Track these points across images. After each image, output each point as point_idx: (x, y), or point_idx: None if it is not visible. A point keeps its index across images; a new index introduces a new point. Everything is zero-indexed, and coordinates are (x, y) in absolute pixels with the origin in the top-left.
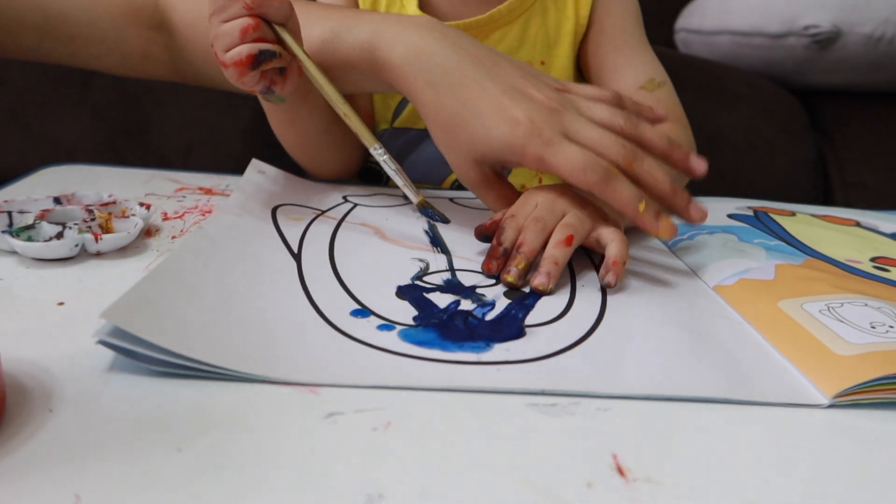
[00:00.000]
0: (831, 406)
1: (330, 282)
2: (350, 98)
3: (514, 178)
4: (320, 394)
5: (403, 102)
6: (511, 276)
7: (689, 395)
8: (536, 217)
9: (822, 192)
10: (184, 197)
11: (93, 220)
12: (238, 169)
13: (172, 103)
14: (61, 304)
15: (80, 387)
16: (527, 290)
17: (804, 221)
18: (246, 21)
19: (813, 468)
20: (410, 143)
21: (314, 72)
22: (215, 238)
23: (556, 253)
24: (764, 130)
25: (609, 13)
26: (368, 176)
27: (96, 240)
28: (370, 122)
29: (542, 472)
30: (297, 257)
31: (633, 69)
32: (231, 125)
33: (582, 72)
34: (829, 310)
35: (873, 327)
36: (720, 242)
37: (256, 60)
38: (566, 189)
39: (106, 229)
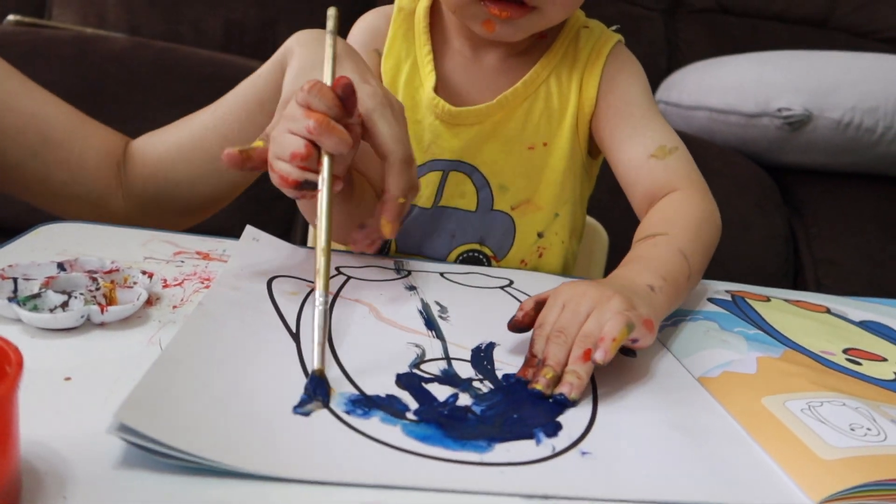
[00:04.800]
0: None
1: (331, 366)
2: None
3: (515, 253)
4: (325, 485)
5: None
6: (539, 385)
7: (682, 501)
8: (559, 328)
9: (793, 266)
10: (182, 262)
11: (97, 289)
12: (227, 221)
13: None
14: (68, 378)
15: (92, 472)
16: (516, 376)
17: (778, 308)
18: (300, 147)
19: None
20: (416, 219)
21: (323, 208)
22: (216, 316)
23: (576, 368)
24: (738, 205)
25: (614, 88)
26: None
27: (102, 311)
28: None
29: None
30: (296, 338)
31: (642, 138)
32: None
33: (599, 146)
34: (810, 409)
35: (853, 429)
36: (702, 330)
37: (299, 186)
38: (590, 286)
39: (110, 299)
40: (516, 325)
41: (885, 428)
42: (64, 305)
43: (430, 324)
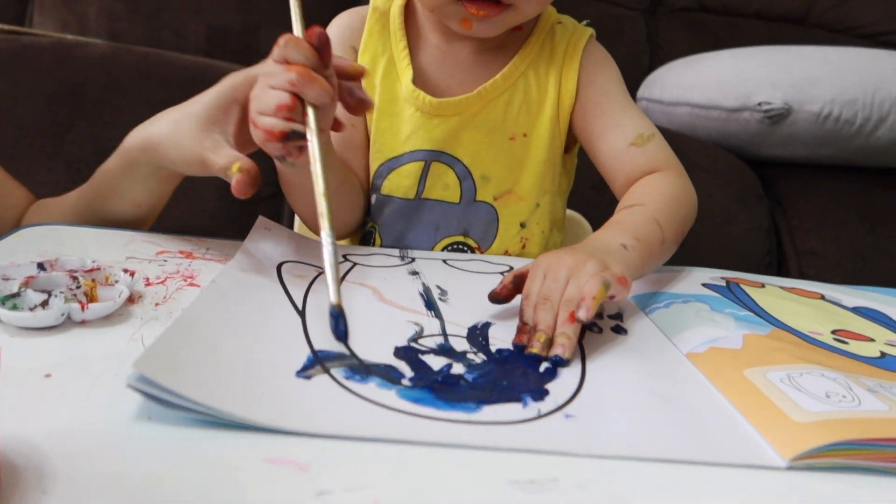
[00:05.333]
0: (788, 468)
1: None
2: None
3: (498, 244)
4: (310, 472)
5: (384, 168)
6: (536, 349)
7: (659, 457)
8: (544, 296)
9: (776, 258)
10: (165, 261)
11: (78, 287)
12: (211, 222)
13: None
14: (48, 375)
15: (72, 465)
16: (512, 348)
17: (772, 293)
18: (285, 99)
19: None
20: (399, 211)
21: (316, 155)
22: (227, 292)
23: (565, 330)
24: (721, 199)
25: (592, 82)
26: (365, 240)
27: (82, 309)
28: (365, 187)
29: None
30: (302, 314)
31: (621, 128)
32: (205, 181)
33: (578, 138)
34: (789, 379)
35: (828, 396)
36: (693, 311)
37: (286, 137)
38: (566, 253)
39: (91, 297)
40: (495, 297)
41: (860, 395)
42: (44, 304)
43: (430, 305)
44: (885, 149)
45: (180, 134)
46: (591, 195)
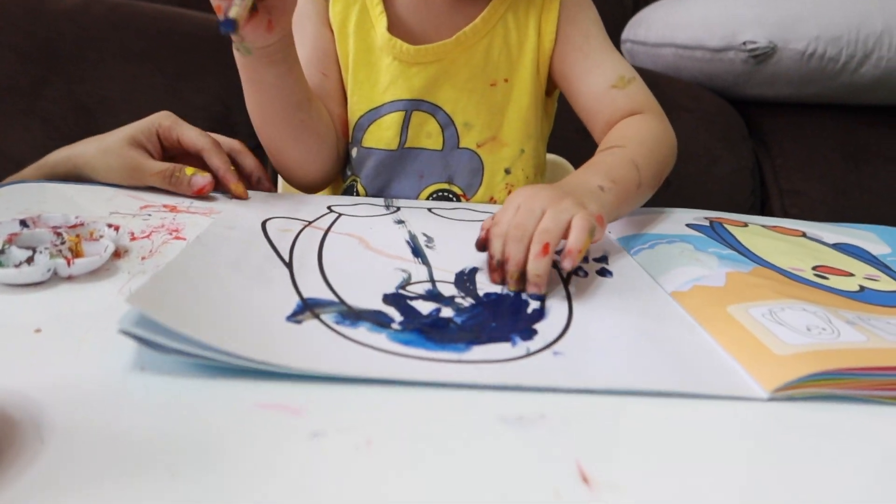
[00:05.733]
0: (770, 399)
1: (321, 288)
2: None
3: (484, 191)
4: (303, 415)
5: (364, 120)
6: (512, 287)
7: (644, 389)
8: (517, 224)
9: (760, 198)
10: (149, 215)
11: (62, 243)
12: None
13: (126, 113)
14: (38, 331)
15: (68, 416)
16: (500, 291)
17: (755, 232)
18: None
19: (754, 455)
20: (382, 163)
21: None
22: (212, 248)
23: (537, 266)
24: (705, 139)
25: (572, 22)
26: (347, 193)
27: (68, 264)
28: (345, 130)
29: (512, 485)
30: (289, 265)
31: (602, 70)
32: None
33: (557, 81)
34: (771, 314)
35: (809, 329)
36: (677, 251)
37: None
38: (542, 189)
39: (76, 252)
40: (482, 244)
41: (839, 328)
42: (29, 260)
43: (417, 252)
44: (869, 86)
45: (107, 152)
46: (574, 138)
